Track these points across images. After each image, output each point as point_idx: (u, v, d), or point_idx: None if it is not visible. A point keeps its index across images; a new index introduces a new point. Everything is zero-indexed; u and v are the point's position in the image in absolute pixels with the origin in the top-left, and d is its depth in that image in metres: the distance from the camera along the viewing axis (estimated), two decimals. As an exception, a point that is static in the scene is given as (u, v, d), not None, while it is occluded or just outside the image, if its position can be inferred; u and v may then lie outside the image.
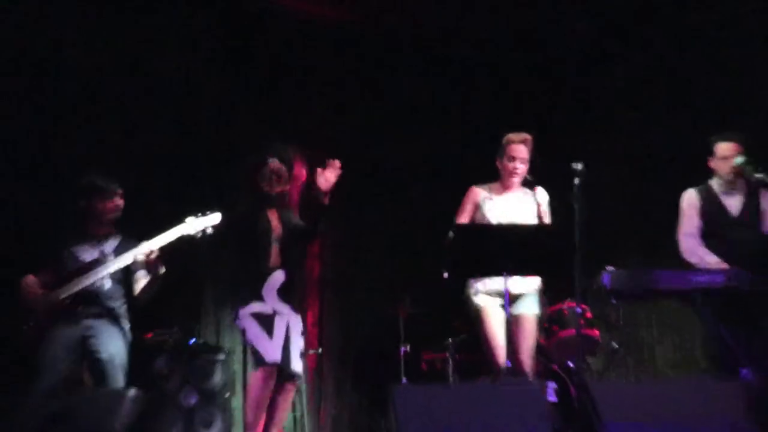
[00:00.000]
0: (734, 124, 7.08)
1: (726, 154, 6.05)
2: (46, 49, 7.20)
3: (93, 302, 5.71)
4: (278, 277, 5.74)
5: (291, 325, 5.73)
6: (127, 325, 5.86)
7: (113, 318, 5.78)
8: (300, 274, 6.05)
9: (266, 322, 5.63)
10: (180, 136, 7.74)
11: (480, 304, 5.78)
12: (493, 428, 4.51)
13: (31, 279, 5.74)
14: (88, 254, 5.79)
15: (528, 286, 5.79)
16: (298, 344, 5.75)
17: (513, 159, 5.83)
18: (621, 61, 8.61)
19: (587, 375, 7.22)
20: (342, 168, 5.74)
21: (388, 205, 8.75)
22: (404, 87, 8.75)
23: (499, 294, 5.69)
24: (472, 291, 5.84)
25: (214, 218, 5.77)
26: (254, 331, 5.61)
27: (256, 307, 5.64)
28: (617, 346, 7.27)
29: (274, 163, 5.85)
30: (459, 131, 8.56)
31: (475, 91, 8.87)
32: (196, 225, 5.73)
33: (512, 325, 5.57)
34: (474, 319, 5.85)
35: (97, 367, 5.67)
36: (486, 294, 5.77)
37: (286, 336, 5.67)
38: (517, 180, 5.86)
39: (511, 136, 5.87)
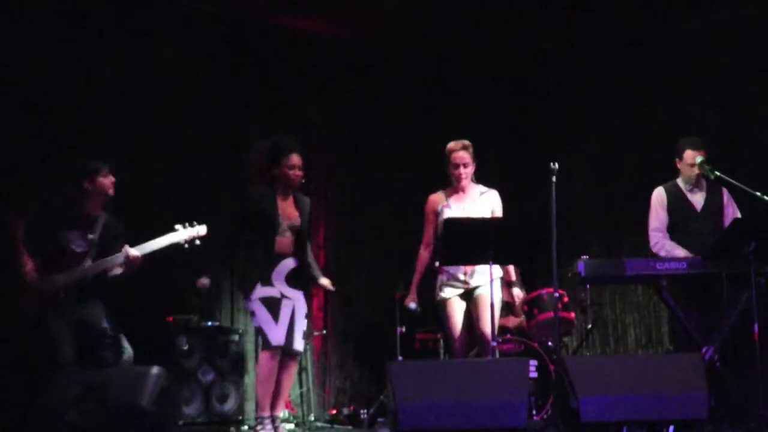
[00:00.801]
0: (697, 125, 7.17)
1: (691, 161, 6.01)
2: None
3: (82, 288, 5.64)
4: (288, 263, 5.75)
5: (296, 308, 5.74)
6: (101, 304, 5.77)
7: (97, 299, 5.71)
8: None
9: (273, 306, 5.64)
10: (187, 140, 7.72)
11: (444, 296, 5.80)
12: (479, 400, 4.61)
13: (29, 265, 5.59)
14: (77, 243, 5.66)
15: (485, 278, 5.69)
16: (301, 326, 5.77)
17: (457, 166, 5.82)
18: (592, 66, 8.63)
19: (564, 353, 7.30)
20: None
21: (383, 199, 8.79)
22: (395, 91, 8.77)
23: (462, 284, 5.76)
24: (437, 284, 5.86)
25: (202, 230, 5.76)
26: (262, 315, 5.63)
27: (265, 291, 5.66)
28: (590, 327, 7.36)
29: (297, 156, 5.83)
30: (448, 131, 8.59)
31: (462, 94, 8.90)
32: (184, 235, 5.72)
33: (471, 305, 5.69)
34: (438, 309, 5.88)
35: (93, 342, 5.64)
36: (449, 285, 5.79)
37: (291, 318, 5.70)
38: (465, 182, 5.85)
39: (451, 145, 5.86)
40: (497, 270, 5.78)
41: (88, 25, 7.24)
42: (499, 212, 5.89)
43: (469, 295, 5.74)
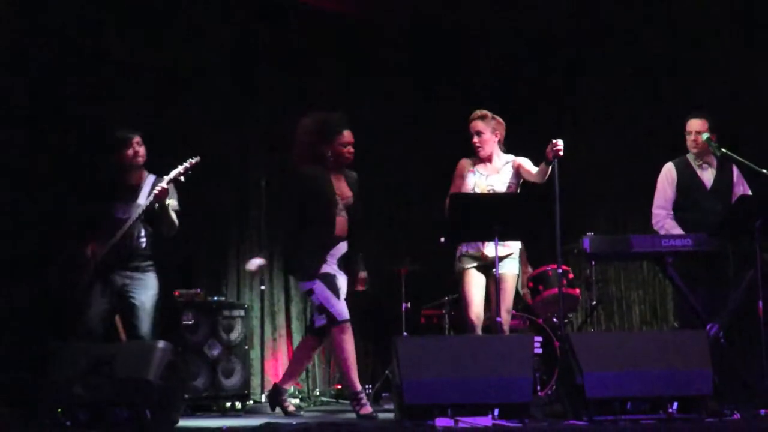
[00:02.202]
0: (703, 101, 7.14)
1: (690, 129, 6.04)
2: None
3: (130, 257, 5.80)
4: (342, 247, 5.72)
5: (341, 282, 5.73)
6: (156, 278, 5.92)
7: (146, 271, 5.85)
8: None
9: (332, 282, 5.60)
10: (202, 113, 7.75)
11: (463, 266, 5.83)
12: (484, 375, 4.62)
13: (90, 248, 5.77)
14: (121, 211, 5.81)
15: (509, 249, 5.81)
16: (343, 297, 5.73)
17: (472, 135, 5.85)
18: (597, 41, 8.57)
19: (568, 329, 7.31)
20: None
21: (390, 175, 8.77)
22: (397, 71, 8.71)
23: (480, 257, 5.77)
24: (457, 254, 5.89)
25: (194, 159, 5.79)
26: (323, 291, 5.58)
27: (322, 268, 5.62)
28: (595, 303, 7.37)
29: (349, 132, 5.73)
30: (454, 109, 8.57)
31: (464, 72, 8.84)
32: (180, 169, 5.77)
33: (492, 283, 5.65)
34: (457, 278, 5.91)
35: (130, 313, 5.78)
36: (468, 257, 5.81)
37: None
38: (482, 152, 5.85)
39: (471, 115, 5.89)
40: (515, 245, 5.81)
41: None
42: (528, 166, 5.82)
43: (488, 269, 5.73)
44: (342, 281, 5.73)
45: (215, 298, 7.19)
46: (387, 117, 8.71)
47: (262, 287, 7.32)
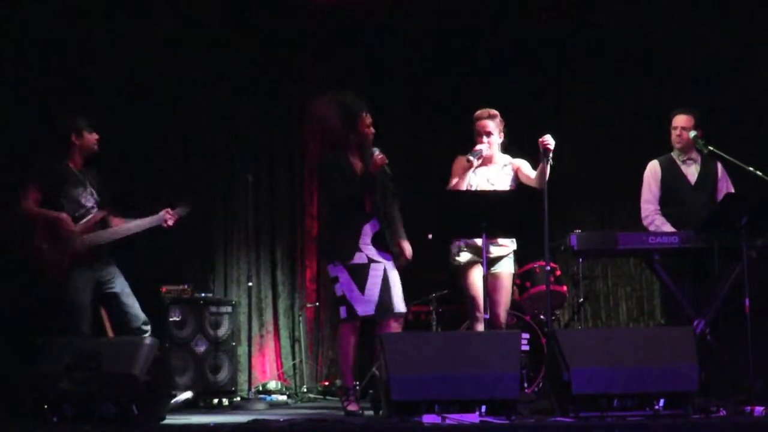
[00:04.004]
0: (691, 99, 7.15)
1: (676, 124, 6.09)
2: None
3: (101, 248, 5.81)
4: (372, 225, 5.59)
5: (388, 269, 5.57)
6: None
7: (111, 262, 5.86)
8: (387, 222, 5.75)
9: (359, 274, 5.48)
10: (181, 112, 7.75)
11: (461, 261, 5.82)
12: (471, 372, 4.62)
13: (66, 216, 5.67)
14: (83, 197, 5.79)
15: (504, 249, 5.82)
16: (398, 287, 5.60)
17: (480, 134, 5.82)
18: (585, 34, 8.54)
19: (556, 326, 7.32)
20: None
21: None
22: (387, 65, 8.69)
23: (478, 253, 5.77)
24: (454, 249, 5.87)
25: (187, 208, 6.00)
26: (347, 282, 5.48)
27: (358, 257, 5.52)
28: (582, 300, 7.39)
29: (369, 114, 5.66)
30: (442, 105, 8.55)
31: (452, 66, 8.82)
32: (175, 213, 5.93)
33: (490, 281, 5.62)
34: (456, 274, 5.90)
35: (116, 301, 5.78)
36: (467, 252, 5.81)
37: (384, 280, 5.52)
38: (487, 153, 5.77)
39: (477, 113, 5.84)
40: (511, 244, 5.83)
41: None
42: (526, 170, 5.80)
43: (486, 266, 5.70)
44: (381, 266, 5.56)
45: (202, 294, 7.19)
46: (375, 111, 8.67)
47: (250, 283, 7.30)
